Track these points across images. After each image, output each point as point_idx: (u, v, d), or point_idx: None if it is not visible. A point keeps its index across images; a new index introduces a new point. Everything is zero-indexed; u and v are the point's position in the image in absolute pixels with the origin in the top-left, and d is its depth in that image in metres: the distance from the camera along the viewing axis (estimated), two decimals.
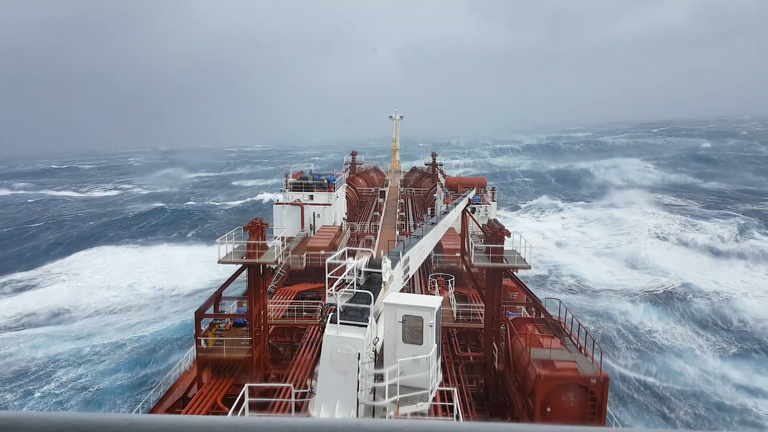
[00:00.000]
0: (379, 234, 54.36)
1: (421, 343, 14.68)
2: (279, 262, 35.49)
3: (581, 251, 72.17)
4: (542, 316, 27.48)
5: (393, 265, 16.21)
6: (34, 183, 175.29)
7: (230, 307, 33.69)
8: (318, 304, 34.06)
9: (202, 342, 27.98)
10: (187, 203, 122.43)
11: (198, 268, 64.35)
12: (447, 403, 20.64)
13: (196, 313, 27.91)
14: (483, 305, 30.45)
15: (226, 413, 22.99)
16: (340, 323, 13.59)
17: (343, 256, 16.00)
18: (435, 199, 68.57)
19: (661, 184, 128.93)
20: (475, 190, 44.01)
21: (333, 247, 44.17)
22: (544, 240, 76.87)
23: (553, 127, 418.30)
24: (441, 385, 16.01)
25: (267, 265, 28.59)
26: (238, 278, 28.97)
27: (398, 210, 67.61)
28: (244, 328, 29.02)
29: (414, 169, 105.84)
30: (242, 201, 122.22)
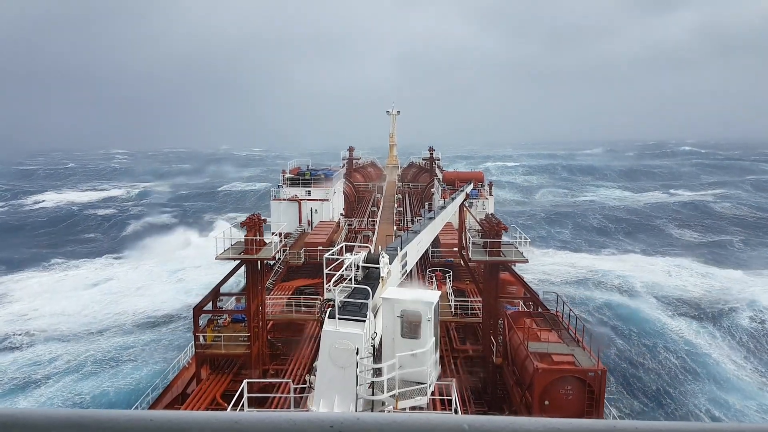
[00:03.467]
0: (376, 229, 54.36)
1: (419, 338, 14.73)
2: (277, 257, 35.52)
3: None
4: (540, 309, 27.57)
5: (391, 261, 16.24)
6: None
7: (228, 303, 33.70)
8: (316, 299, 34.11)
9: (201, 338, 28.00)
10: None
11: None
12: (446, 397, 20.73)
13: (194, 309, 27.93)
14: (481, 299, 30.53)
15: (225, 409, 23.05)
16: (339, 318, 13.62)
17: (341, 252, 16.02)
18: (432, 194, 68.58)
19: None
20: (472, 185, 44.06)
21: (331, 243, 44.18)
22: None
23: (550, 144, 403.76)
24: (439, 379, 16.07)
25: (265, 261, 28.59)
26: (235, 274, 28.98)
27: (396, 205, 67.62)
28: (243, 324, 29.05)
29: (411, 164, 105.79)
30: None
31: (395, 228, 53.15)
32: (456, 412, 16.69)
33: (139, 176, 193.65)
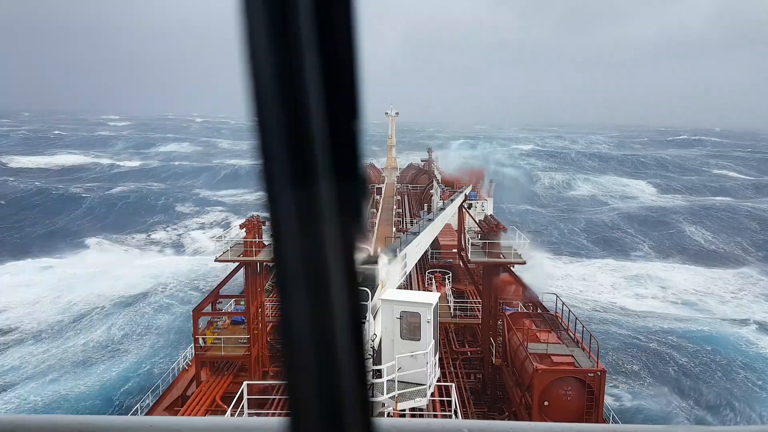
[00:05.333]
0: (375, 231, 54.35)
1: (418, 339, 14.73)
2: None
3: None
4: (539, 310, 27.59)
5: (390, 262, 16.25)
6: None
7: (228, 306, 33.69)
8: None
9: (200, 340, 27.99)
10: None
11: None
12: (445, 399, 20.73)
13: (193, 311, 27.92)
14: (480, 301, 30.54)
15: (225, 411, 23.04)
16: None
17: None
18: (431, 196, 68.56)
19: None
20: (471, 186, 44.09)
21: None
22: None
23: (560, 126, 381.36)
24: (439, 380, 16.08)
25: (264, 263, 28.59)
26: (234, 276, 28.96)
27: (395, 207, 67.60)
28: (242, 326, 29.04)
29: (410, 166, 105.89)
30: None
31: (394, 229, 53.14)
32: (456, 413, 16.69)
33: (128, 146, 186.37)
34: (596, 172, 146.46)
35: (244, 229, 27.94)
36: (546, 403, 20.80)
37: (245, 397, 16.40)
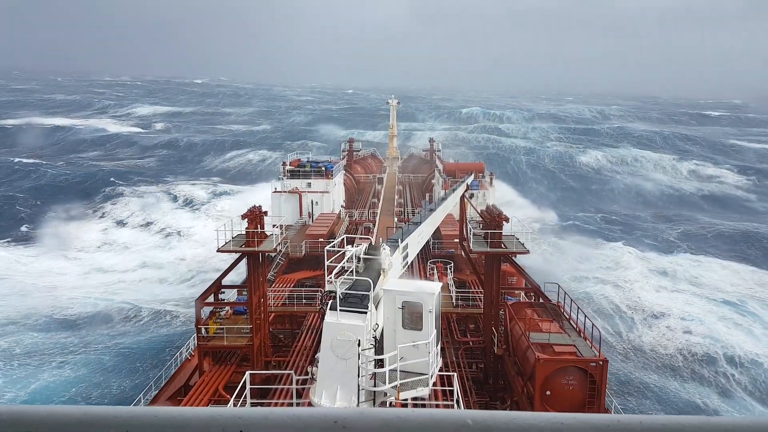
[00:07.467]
0: (377, 221, 54.38)
1: (420, 329, 14.75)
2: (278, 250, 35.56)
3: None
4: (541, 300, 27.61)
5: (392, 252, 16.24)
6: None
7: (230, 296, 33.78)
8: (317, 291, 34.18)
9: (203, 330, 28.10)
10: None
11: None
12: (447, 388, 20.82)
13: (196, 301, 28.02)
14: (482, 290, 30.57)
15: (228, 401, 23.18)
16: (340, 310, 13.64)
17: (341, 244, 16.03)
18: (433, 185, 68.51)
19: None
20: (473, 176, 43.97)
21: (332, 235, 44.21)
22: None
23: (575, 96, 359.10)
24: (441, 370, 16.12)
25: (266, 254, 28.62)
26: (236, 266, 28.98)
27: (396, 197, 67.56)
28: (245, 316, 29.15)
29: (412, 156, 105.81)
30: None
31: (396, 220, 53.14)
32: (457, 403, 16.77)
33: (116, 105, 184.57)
34: (613, 144, 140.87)
35: (246, 219, 27.96)
36: (548, 392, 20.88)
37: (248, 387, 16.48)
